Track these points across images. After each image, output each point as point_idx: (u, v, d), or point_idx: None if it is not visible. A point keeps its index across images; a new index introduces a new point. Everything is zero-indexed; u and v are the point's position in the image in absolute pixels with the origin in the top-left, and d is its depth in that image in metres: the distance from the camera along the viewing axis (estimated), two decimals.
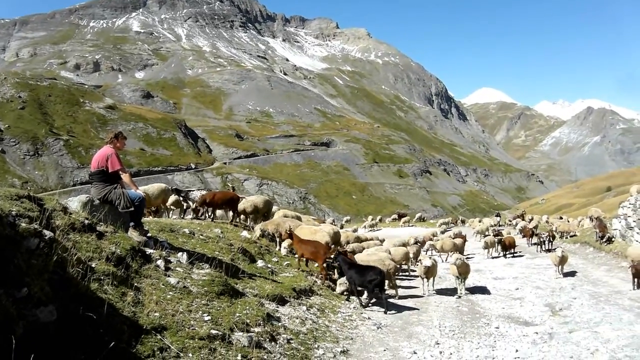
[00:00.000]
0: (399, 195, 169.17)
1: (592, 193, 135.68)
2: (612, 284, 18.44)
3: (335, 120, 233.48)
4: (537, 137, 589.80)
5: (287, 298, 11.46)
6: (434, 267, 16.44)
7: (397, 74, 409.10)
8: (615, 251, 24.24)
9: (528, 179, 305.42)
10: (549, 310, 14.59)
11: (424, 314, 13.90)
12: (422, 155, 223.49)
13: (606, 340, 11.17)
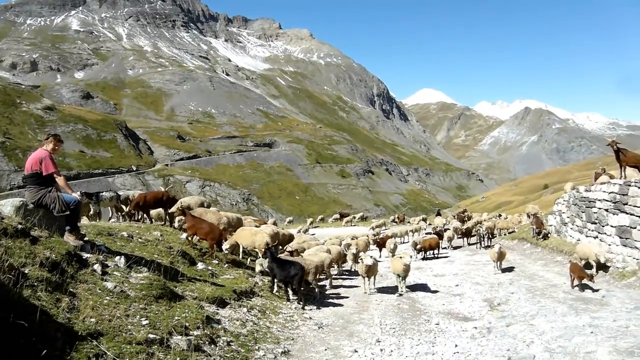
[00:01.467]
0: (342, 195, 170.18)
1: (530, 191, 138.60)
2: (547, 278, 18.87)
3: (277, 121, 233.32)
4: (476, 136, 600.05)
5: (227, 300, 11.34)
6: (374, 266, 16.54)
7: (339, 75, 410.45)
8: (550, 246, 24.83)
9: (468, 177, 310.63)
10: (487, 305, 14.87)
11: (365, 312, 13.98)
12: (365, 155, 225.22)
13: (541, 332, 11.45)
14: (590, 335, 10.81)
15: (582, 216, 22.32)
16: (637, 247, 17.21)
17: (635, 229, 17.29)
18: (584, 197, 22.15)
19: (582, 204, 22.23)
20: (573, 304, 14.26)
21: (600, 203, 20.23)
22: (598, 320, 12.04)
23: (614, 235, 18.93)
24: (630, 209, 17.70)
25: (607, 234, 19.50)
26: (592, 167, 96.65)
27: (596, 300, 14.59)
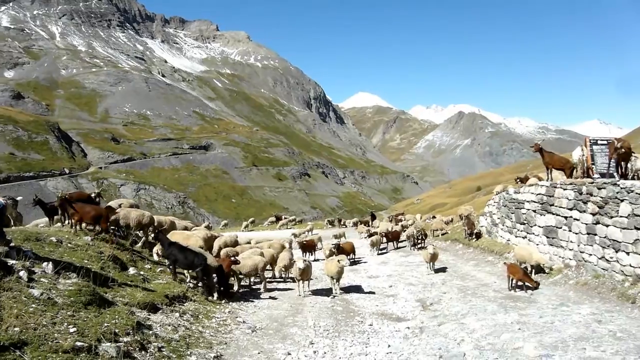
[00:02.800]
0: (279, 198, 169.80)
1: (463, 192, 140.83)
2: (479, 278, 19.28)
3: (214, 123, 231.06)
4: (411, 140, 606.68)
5: (159, 305, 11.22)
6: (308, 269, 16.58)
7: (276, 78, 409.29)
8: (482, 247, 25.38)
9: (403, 180, 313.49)
10: (420, 306, 15.12)
11: (299, 315, 14.02)
12: (301, 158, 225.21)
13: (472, 330, 11.75)
14: (518, 331, 11.19)
15: (511, 217, 22.89)
16: (562, 246, 17.78)
17: (561, 228, 17.84)
18: (513, 199, 22.72)
19: (512, 206, 22.80)
20: (503, 302, 14.63)
21: (529, 204, 20.80)
22: (526, 317, 12.44)
23: (541, 235, 19.50)
24: (556, 209, 18.26)
25: (535, 234, 20.07)
26: (524, 169, 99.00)
27: (524, 298, 15.01)
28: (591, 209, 15.73)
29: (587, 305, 13.31)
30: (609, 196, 14.82)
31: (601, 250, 15.24)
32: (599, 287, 14.71)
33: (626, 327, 10.91)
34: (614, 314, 12.19)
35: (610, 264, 14.83)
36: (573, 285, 15.75)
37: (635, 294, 13.12)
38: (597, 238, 15.44)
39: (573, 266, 16.94)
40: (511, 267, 16.22)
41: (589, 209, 15.83)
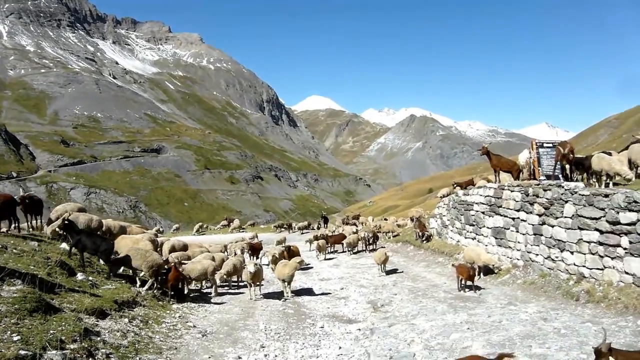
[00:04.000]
0: (231, 202, 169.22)
1: (415, 195, 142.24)
2: (429, 279, 19.52)
3: (166, 126, 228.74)
4: (364, 142, 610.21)
5: (107, 311, 11.02)
6: (259, 272, 16.55)
7: (229, 80, 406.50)
8: (433, 248, 25.60)
9: (356, 182, 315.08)
10: (371, 307, 15.25)
11: (250, 318, 13.98)
12: (254, 161, 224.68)
13: (422, 330, 11.92)
14: (467, 331, 11.38)
15: (461, 219, 23.21)
16: (510, 246, 18.11)
17: (509, 229, 18.18)
18: (462, 201, 23.05)
19: (461, 207, 23.13)
20: (452, 302, 14.86)
21: (478, 206, 21.13)
22: (474, 317, 12.65)
23: (490, 236, 19.83)
24: (504, 211, 18.59)
25: (484, 235, 20.39)
26: (474, 171, 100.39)
27: (474, 298, 15.27)
28: (537, 210, 16.07)
29: (533, 304, 13.62)
30: (554, 198, 15.17)
31: (547, 250, 15.58)
32: (545, 286, 15.03)
33: (570, 324, 11.20)
34: (559, 312, 12.49)
35: (555, 264, 15.17)
36: (521, 285, 16.08)
37: (579, 291, 13.45)
38: (543, 238, 15.78)
39: (521, 266, 17.27)
40: (460, 268, 16.43)
41: (535, 210, 16.18)
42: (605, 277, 13.09)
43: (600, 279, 13.26)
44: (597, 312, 12.09)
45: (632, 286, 12.19)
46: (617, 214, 12.56)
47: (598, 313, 12.03)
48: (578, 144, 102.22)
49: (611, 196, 12.85)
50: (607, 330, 10.39)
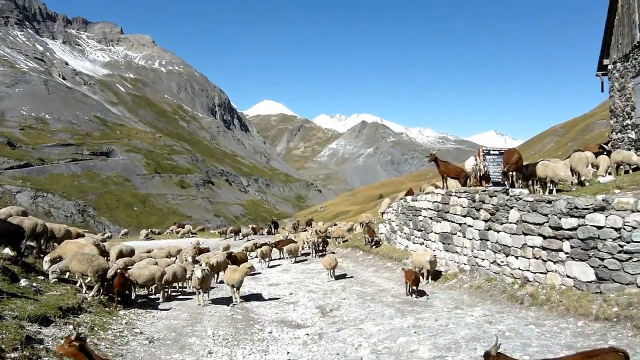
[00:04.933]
0: (181, 206, 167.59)
1: (366, 200, 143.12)
2: (378, 284, 19.75)
3: (116, 129, 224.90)
4: (315, 148, 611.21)
5: (51, 318, 10.88)
6: (208, 278, 16.50)
7: (180, 84, 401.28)
8: (381, 253, 25.82)
9: (307, 188, 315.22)
10: (320, 312, 15.38)
11: (198, 324, 13.95)
12: (205, 165, 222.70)
13: (369, 335, 12.09)
14: (413, 335, 11.56)
15: (409, 224, 23.52)
16: (457, 251, 18.46)
17: (456, 235, 18.54)
18: (411, 207, 23.37)
19: (410, 213, 23.44)
20: (400, 307, 15.06)
21: (426, 212, 21.47)
22: (422, 321, 12.87)
23: (437, 242, 20.17)
24: (451, 216, 18.96)
25: (432, 240, 20.73)
26: (424, 177, 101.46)
27: (421, 302, 15.50)
28: (483, 216, 16.44)
29: (479, 308, 13.91)
30: (499, 204, 15.55)
31: (493, 255, 15.94)
32: (491, 290, 15.37)
33: (514, 327, 11.51)
34: (503, 315, 12.81)
35: (501, 268, 15.54)
36: (467, 289, 16.40)
37: (523, 295, 13.81)
38: (489, 243, 16.15)
39: (467, 270, 17.62)
40: (408, 273, 16.67)
41: (482, 215, 16.55)
42: (548, 280, 13.47)
43: (544, 283, 13.64)
44: (540, 315, 12.44)
45: (573, 289, 12.60)
46: (560, 219, 12.97)
47: (541, 315, 12.37)
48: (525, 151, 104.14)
49: (554, 202, 13.26)
50: (549, 332, 10.78)
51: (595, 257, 12.04)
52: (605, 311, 11.22)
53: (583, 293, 12.26)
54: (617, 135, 25.53)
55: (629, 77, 23.80)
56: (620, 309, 10.99)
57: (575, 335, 10.51)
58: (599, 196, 12.44)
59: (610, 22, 25.61)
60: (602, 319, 11.11)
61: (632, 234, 11.27)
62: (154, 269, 17.01)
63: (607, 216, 11.79)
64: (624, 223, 11.43)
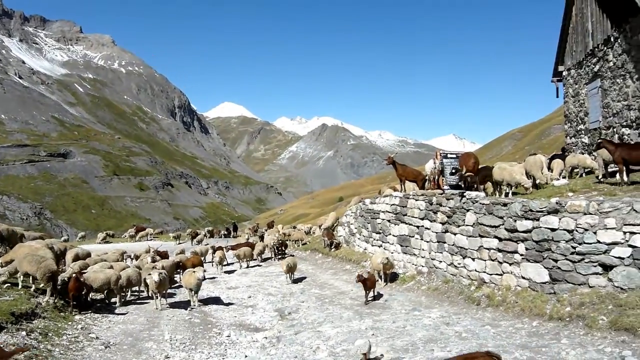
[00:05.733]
0: (140, 209, 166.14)
1: (326, 203, 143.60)
2: (336, 286, 19.79)
3: (73, 130, 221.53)
4: (275, 151, 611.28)
5: (3, 324, 10.71)
6: (164, 281, 16.33)
7: (140, 85, 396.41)
8: (340, 256, 25.93)
9: (267, 190, 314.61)
10: (278, 315, 15.37)
11: (155, 328, 13.83)
12: (164, 167, 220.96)
13: (327, 337, 12.13)
14: (371, 337, 11.62)
15: (368, 227, 23.68)
16: (415, 253, 18.64)
17: (414, 237, 18.73)
18: (369, 209, 23.53)
19: (368, 216, 23.61)
20: (359, 309, 15.14)
21: (384, 214, 21.64)
22: (380, 323, 12.96)
23: (395, 244, 20.34)
24: (409, 219, 19.14)
25: (390, 242, 20.90)
26: (384, 180, 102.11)
27: (380, 304, 15.58)
28: (441, 219, 16.64)
29: (437, 309, 14.04)
30: (456, 206, 15.74)
31: (450, 257, 16.13)
32: (449, 292, 15.53)
33: (471, 328, 11.65)
34: (460, 316, 12.96)
35: (458, 270, 15.73)
36: (425, 291, 16.54)
37: (480, 296, 14.00)
38: (446, 246, 16.34)
39: (425, 272, 17.79)
40: (361, 279, 16.68)
41: (439, 218, 16.74)
42: (504, 282, 13.68)
43: (500, 284, 13.84)
44: (496, 316, 12.61)
45: (528, 290, 12.82)
46: (515, 222, 13.19)
47: (497, 316, 12.55)
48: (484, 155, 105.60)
49: (509, 205, 13.49)
50: (505, 333, 10.96)
51: (549, 259, 12.28)
52: (558, 311, 11.44)
53: (538, 294, 12.48)
54: (571, 140, 26.07)
55: (582, 84, 24.34)
56: (572, 309, 11.23)
57: (530, 335, 10.68)
58: (552, 199, 12.68)
59: (565, 30, 26.20)
60: (555, 318, 11.32)
61: (584, 235, 11.54)
62: (109, 272, 16.73)
63: (561, 218, 12.04)
64: (576, 225, 11.70)
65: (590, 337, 10.03)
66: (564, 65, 26.75)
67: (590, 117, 23.53)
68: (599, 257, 11.39)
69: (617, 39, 20.46)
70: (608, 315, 10.48)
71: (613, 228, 11.23)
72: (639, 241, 10.91)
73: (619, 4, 19.60)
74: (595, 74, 22.66)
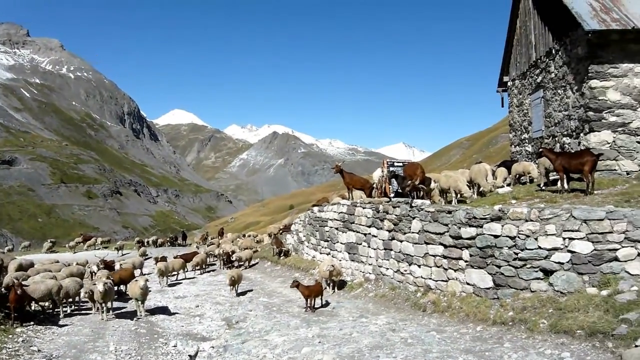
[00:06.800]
0: (88, 217, 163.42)
1: (276, 211, 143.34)
2: (285, 294, 19.82)
3: (19, 136, 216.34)
4: (226, 158, 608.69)
5: None
6: (110, 291, 16.08)
7: (89, 91, 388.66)
8: (289, 264, 26.01)
9: (218, 198, 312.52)
10: (225, 324, 15.30)
11: (100, 339, 13.56)
12: (113, 175, 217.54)
13: (274, 346, 12.11)
14: (318, 345, 11.65)
15: (316, 234, 23.78)
16: (363, 261, 18.80)
17: (361, 245, 18.88)
18: (317, 217, 23.65)
19: (316, 224, 23.72)
20: (306, 317, 15.19)
21: (332, 222, 21.77)
22: (327, 330, 12.98)
23: (343, 252, 20.47)
24: (356, 227, 19.31)
25: (338, 250, 21.02)
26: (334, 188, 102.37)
27: (327, 312, 15.68)
28: (387, 226, 16.81)
29: (383, 316, 14.16)
30: (402, 214, 15.94)
31: (397, 264, 16.30)
32: (395, 298, 15.69)
33: (416, 334, 11.76)
34: (407, 322, 13.09)
35: (404, 277, 15.91)
36: (372, 298, 16.68)
37: (426, 302, 14.18)
38: (393, 253, 16.51)
39: (372, 280, 17.94)
40: (303, 289, 16.60)
41: (386, 226, 16.91)
42: (449, 288, 13.90)
43: (445, 290, 14.05)
44: (441, 321, 12.79)
45: (473, 295, 13.06)
46: (459, 229, 13.44)
47: (442, 322, 12.73)
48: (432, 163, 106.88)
49: (454, 213, 13.73)
50: (450, 338, 11.16)
51: (492, 265, 12.54)
52: (502, 315, 11.68)
53: (482, 299, 12.72)
54: (515, 149, 26.68)
55: (526, 94, 24.98)
56: (515, 313, 11.49)
57: (474, 340, 10.87)
58: (495, 206, 12.96)
59: (510, 42, 26.88)
60: (499, 323, 11.54)
61: (526, 242, 11.85)
62: (51, 283, 16.37)
63: (503, 225, 12.32)
64: (518, 232, 12.00)
65: (532, 340, 10.26)
66: (509, 75, 27.43)
67: (533, 126, 24.13)
68: (540, 262, 11.72)
69: (558, 52, 21.07)
70: (548, 318, 10.76)
71: (553, 234, 11.58)
72: (577, 247, 11.28)
73: (560, 18, 20.20)
74: (538, 84, 23.27)
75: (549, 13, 22.12)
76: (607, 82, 18.28)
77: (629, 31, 17.96)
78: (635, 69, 18.33)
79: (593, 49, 18.27)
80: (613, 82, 18.28)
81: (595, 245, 11.21)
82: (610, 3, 19.26)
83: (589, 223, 11.30)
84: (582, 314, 10.30)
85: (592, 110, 18.33)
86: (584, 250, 11.25)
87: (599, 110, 18.27)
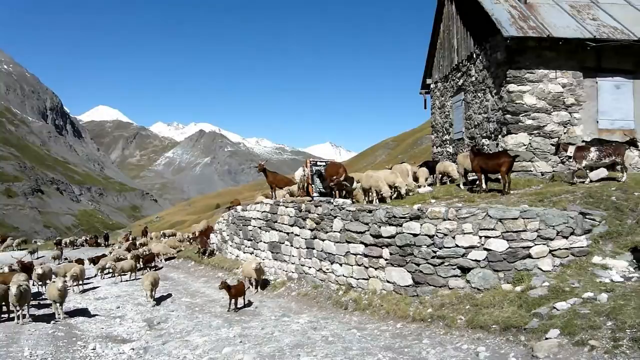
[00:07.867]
0: (8, 217, 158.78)
1: (203, 210, 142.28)
2: (208, 294, 19.65)
3: None
4: (151, 156, 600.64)
5: None
6: (26, 293, 15.33)
7: (9, 84, 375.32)
8: (213, 263, 25.87)
9: (143, 197, 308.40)
10: (147, 325, 15.04)
11: (14, 344, 12.93)
12: (34, 173, 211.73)
13: (195, 346, 12.00)
14: (239, 344, 11.62)
15: (240, 234, 23.70)
16: (286, 260, 18.83)
17: (284, 244, 18.92)
18: (241, 216, 23.58)
19: (240, 223, 23.64)
20: (228, 317, 15.08)
21: (255, 221, 21.74)
22: (248, 330, 12.96)
23: (266, 251, 20.48)
24: (279, 226, 19.34)
25: (261, 249, 21.01)
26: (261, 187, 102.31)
27: (250, 311, 15.63)
28: (309, 225, 16.90)
29: (306, 315, 14.21)
30: (324, 213, 16.05)
31: (319, 263, 16.39)
32: (318, 297, 15.76)
33: (337, 332, 11.88)
34: (328, 321, 13.17)
35: (326, 275, 16.01)
36: (295, 297, 16.71)
37: (347, 301, 14.30)
38: (315, 252, 16.60)
39: (295, 279, 17.99)
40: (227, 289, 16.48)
41: (308, 225, 16.99)
42: (370, 286, 14.07)
43: (366, 288, 14.21)
44: (362, 319, 12.92)
45: (393, 293, 13.26)
46: (379, 228, 13.62)
47: (363, 320, 12.85)
48: (358, 163, 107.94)
49: (374, 212, 13.91)
50: (370, 335, 11.31)
51: (412, 263, 12.77)
52: (421, 312, 11.91)
53: (402, 297, 12.92)
54: (437, 150, 27.25)
55: (448, 96, 25.57)
56: (434, 310, 11.74)
57: (394, 337, 11.05)
58: (415, 206, 13.22)
59: (433, 45, 27.47)
60: (418, 320, 11.76)
61: (444, 240, 12.14)
62: None
63: (422, 224, 12.57)
64: (436, 230, 12.27)
65: (450, 336, 10.52)
66: (432, 78, 28.03)
67: (454, 128, 24.73)
68: (457, 260, 12.03)
69: (479, 56, 21.68)
70: (466, 314, 11.06)
71: (470, 233, 11.91)
72: (493, 245, 11.66)
73: (481, 24, 20.81)
74: (460, 87, 23.86)
75: (471, 19, 22.72)
76: (524, 86, 18.97)
77: (545, 39, 18.72)
78: (549, 75, 19.12)
79: (511, 55, 18.93)
80: (529, 87, 19.01)
81: (510, 243, 11.64)
82: (527, 12, 20.07)
83: (504, 222, 11.70)
84: (498, 310, 10.64)
85: (510, 114, 18.98)
86: (499, 248, 11.65)
87: (516, 114, 18.94)
